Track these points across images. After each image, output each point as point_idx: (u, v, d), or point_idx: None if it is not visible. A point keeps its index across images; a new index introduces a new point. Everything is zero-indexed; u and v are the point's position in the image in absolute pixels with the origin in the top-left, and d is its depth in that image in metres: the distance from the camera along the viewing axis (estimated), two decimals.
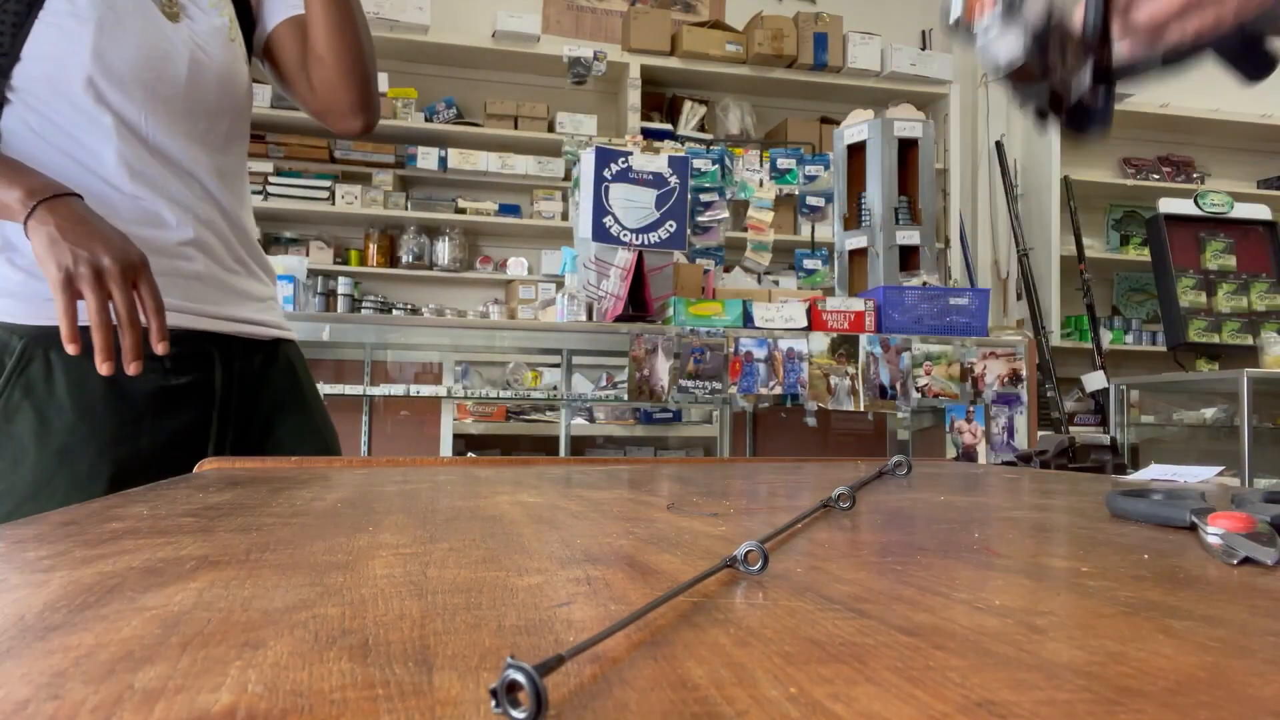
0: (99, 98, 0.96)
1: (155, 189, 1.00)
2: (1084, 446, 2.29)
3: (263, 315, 1.12)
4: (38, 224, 0.85)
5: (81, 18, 0.95)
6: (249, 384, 1.08)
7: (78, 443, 0.94)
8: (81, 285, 0.84)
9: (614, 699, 0.21)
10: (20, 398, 0.94)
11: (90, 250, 0.84)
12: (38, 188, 0.87)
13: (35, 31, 0.94)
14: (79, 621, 0.28)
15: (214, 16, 1.08)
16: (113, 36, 0.96)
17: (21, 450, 0.93)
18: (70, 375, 0.95)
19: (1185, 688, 0.22)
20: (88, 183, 0.96)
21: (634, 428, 3.86)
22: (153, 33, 1.00)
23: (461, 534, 0.46)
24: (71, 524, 0.51)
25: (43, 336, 0.94)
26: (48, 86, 0.96)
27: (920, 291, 2.42)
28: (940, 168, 4.82)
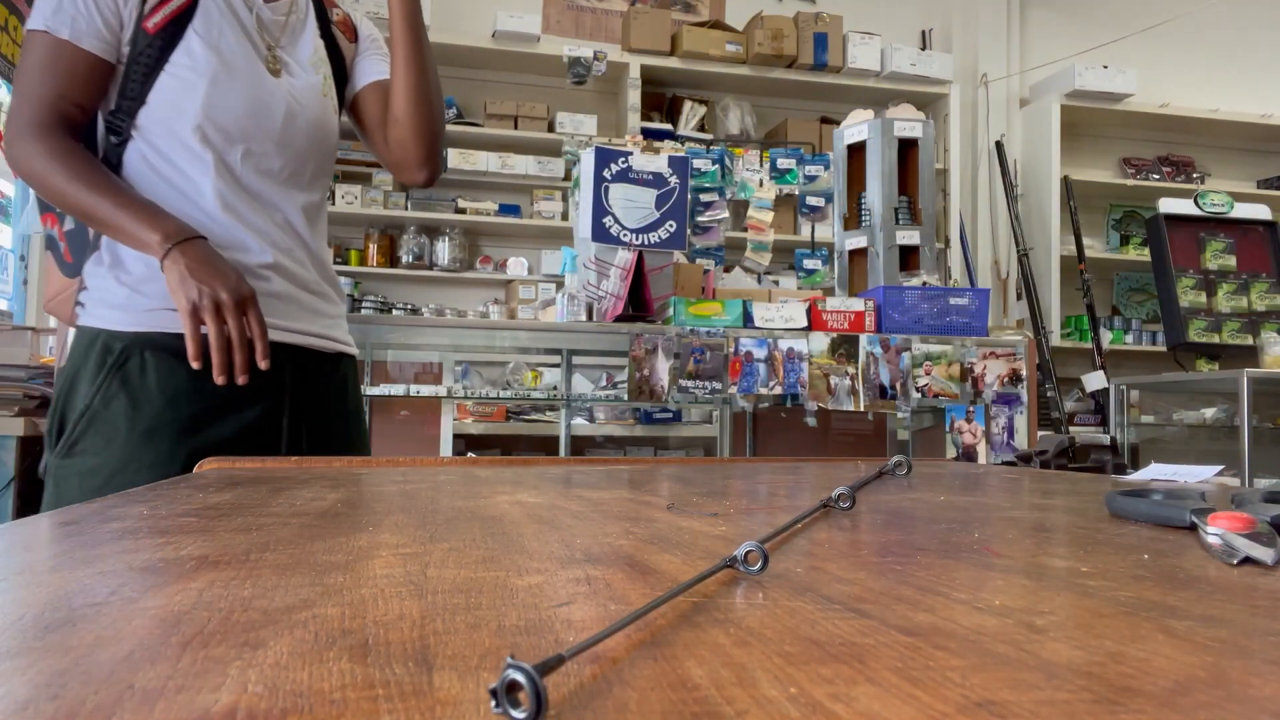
0: (204, 139, 1.14)
1: (242, 219, 1.17)
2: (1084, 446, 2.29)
3: (330, 331, 1.27)
4: (171, 264, 1.06)
5: (199, 71, 1.13)
6: (314, 389, 1.23)
7: (162, 426, 1.10)
8: (205, 316, 1.05)
9: (614, 699, 0.21)
10: (117, 387, 1.10)
11: (211, 287, 1.05)
12: (172, 231, 1.07)
13: (160, 80, 1.13)
14: (79, 621, 0.28)
15: (311, 75, 1.25)
16: (222, 90, 1.14)
17: (114, 430, 1.09)
18: (160, 371, 1.11)
19: (1185, 688, 0.22)
20: (187, 210, 1.14)
21: (634, 428, 3.86)
22: (256, 87, 1.17)
23: (461, 534, 0.46)
24: (71, 524, 0.51)
25: (140, 340, 1.12)
26: (164, 127, 1.13)
27: (920, 291, 2.42)
28: (940, 168, 4.82)
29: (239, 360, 1.06)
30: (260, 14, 1.21)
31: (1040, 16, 5.41)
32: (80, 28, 1.10)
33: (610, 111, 4.84)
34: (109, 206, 1.08)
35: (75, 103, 1.13)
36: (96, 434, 1.09)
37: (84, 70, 1.12)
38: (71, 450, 1.10)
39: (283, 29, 1.24)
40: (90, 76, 1.12)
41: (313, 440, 1.22)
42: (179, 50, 1.13)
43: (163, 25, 1.13)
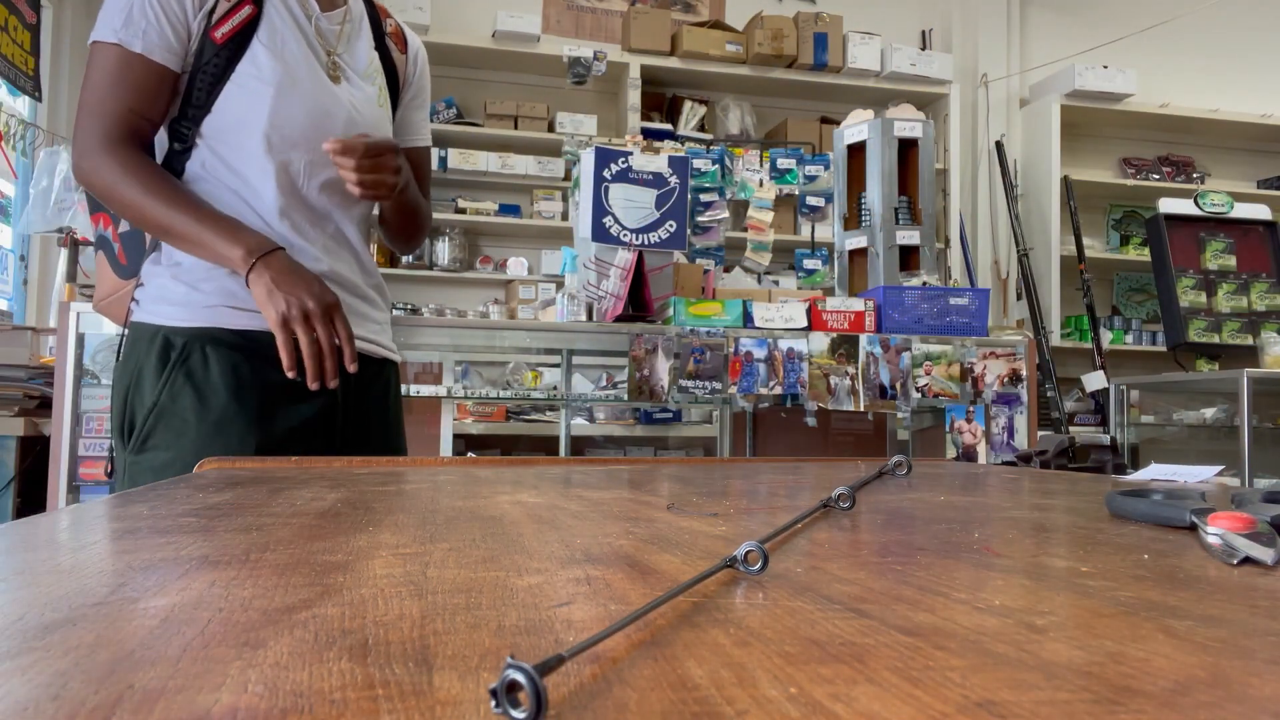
0: (269, 148, 1.16)
1: (297, 228, 1.19)
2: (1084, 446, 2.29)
3: (377, 336, 1.30)
4: (257, 277, 1.09)
5: (265, 80, 1.15)
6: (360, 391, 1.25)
7: (231, 418, 1.13)
8: (295, 326, 1.08)
9: (614, 699, 0.21)
10: (183, 382, 1.13)
11: (299, 298, 1.09)
12: (254, 246, 1.10)
13: (226, 89, 1.15)
14: (79, 621, 0.28)
15: (368, 86, 1.28)
16: (287, 99, 1.16)
17: (184, 424, 1.12)
18: (223, 365, 1.14)
19: (1185, 688, 0.22)
20: (247, 215, 1.16)
21: (634, 428, 3.86)
22: (320, 95, 1.20)
23: (461, 534, 0.46)
24: (72, 524, 0.51)
25: (201, 336, 1.14)
26: (230, 135, 1.16)
27: (920, 291, 2.42)
28: (940, 168, 4.82)
29: (330, 367, 1.11)
30: (319, 23, 1.23)
31: (1040, 16, 5.41)
32: (152, 40, 1.12)
33: (610, 111, 4.84)
34: (188, 222, 1.10)
35: (145, 116, 1.14)
36: (167, 429, 1.12)
37: (154, 83, 1.13)
38: (144, 446, 1.13)
39: (339, 38, 1.26)
40: (160, 89, 1.14)
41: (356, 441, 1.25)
42: (245, 60, 1.15)
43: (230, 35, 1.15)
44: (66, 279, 2.94)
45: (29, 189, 3.33)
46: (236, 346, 1.14)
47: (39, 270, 4.17)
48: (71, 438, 2.11)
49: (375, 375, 1.30)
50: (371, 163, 1.14)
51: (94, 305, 1.37)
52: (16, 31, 3.74)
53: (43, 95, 3.98)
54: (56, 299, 3.04)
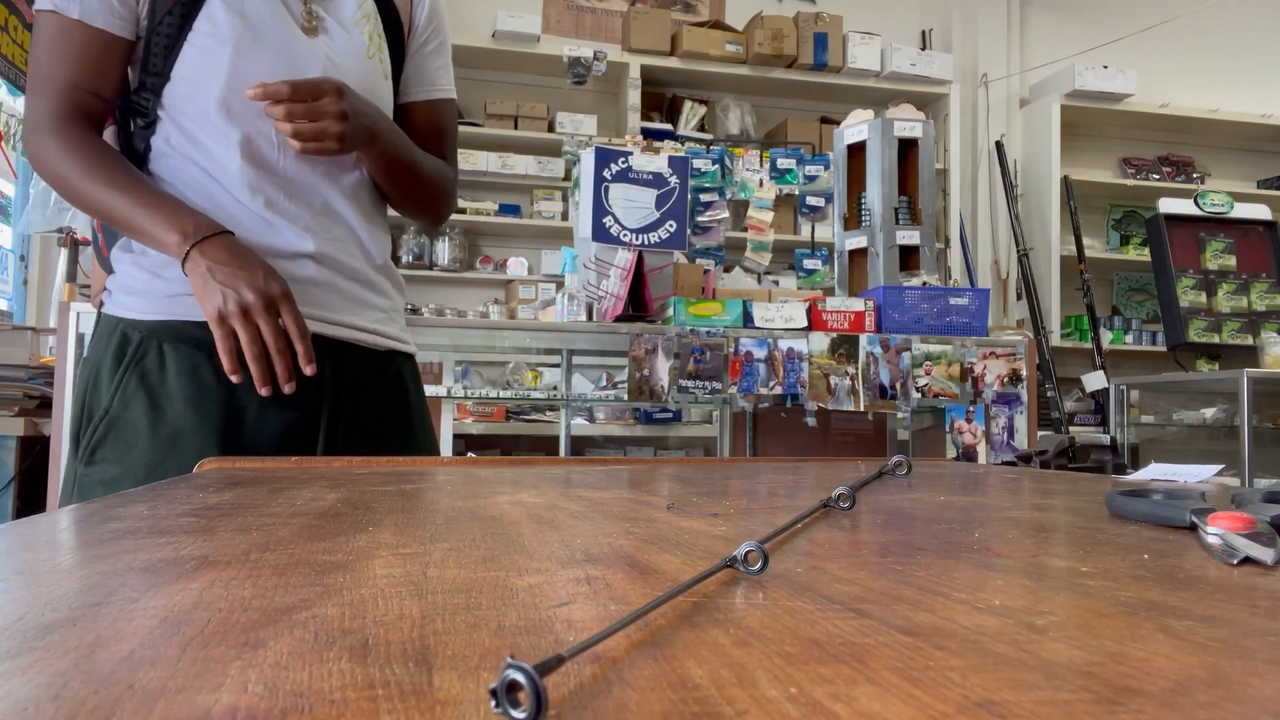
0: (229, 114, 1.01)
1: (273, 204, 1.05)
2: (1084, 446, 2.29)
3: (380, 326, 1.14)
4: (193, 266, 0.95)
5: (221, 39, 1.01)
6: (358, 390, 1.11)
7: (187, 429, 0.99)
8: (233, 322, 0.94)
9: (614, 699, 0.21)
10: (135, 386, 1.00)
11: (236, 289, 0.94)
12: (190, 230, 0.96)
13: (183, 53, 1.01)
14: (79, 621, 0.28)
15: (354, 34, 1.11)
16: (249, 57, 1.01)
17: (135, 435, 0.99)
18: (181, 366, 1.00)
19: (1185, 688, 0.22)
20: (217, 195, 1.03)
21: (634, 428, 3.86)
22: (287, 52, 1.04)
23: (461, 534, 0.46)
24: (71, 524, 0.51)
25: (159, 330, 1.01)
26: (189, 104, 1.02)
27: (920, 291, 2.42)
28: (940, 168, 4.82)
29: (280, 367, 0.96)
30: None
31: (1040, 16, 5.41)
32: (91, 4, 0.98)
33: (610, 111, 4.84)
34: (125, 205, 0.97)
35: (91, 90, 1.01)
36: (117, 440, 0.99)
37: (98, 52, 1.00)
38: (92, 458, 1.00)
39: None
40: (105, 59, 1.00)
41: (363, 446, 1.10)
42: (201, 17, 1.00)
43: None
44: (66, 279, 2.94)
45: (29, 189, 3.33)
46: (200, 343, 0.99)
47: (39, 270, 4.17)
48: None
49: (379, 370, 1.13)
50: (305, 108, 0.96)
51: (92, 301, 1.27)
52: (16, 31, 3.74)
53: None
54: (56, 299, 3.04)
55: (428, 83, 1.22)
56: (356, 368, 1.11)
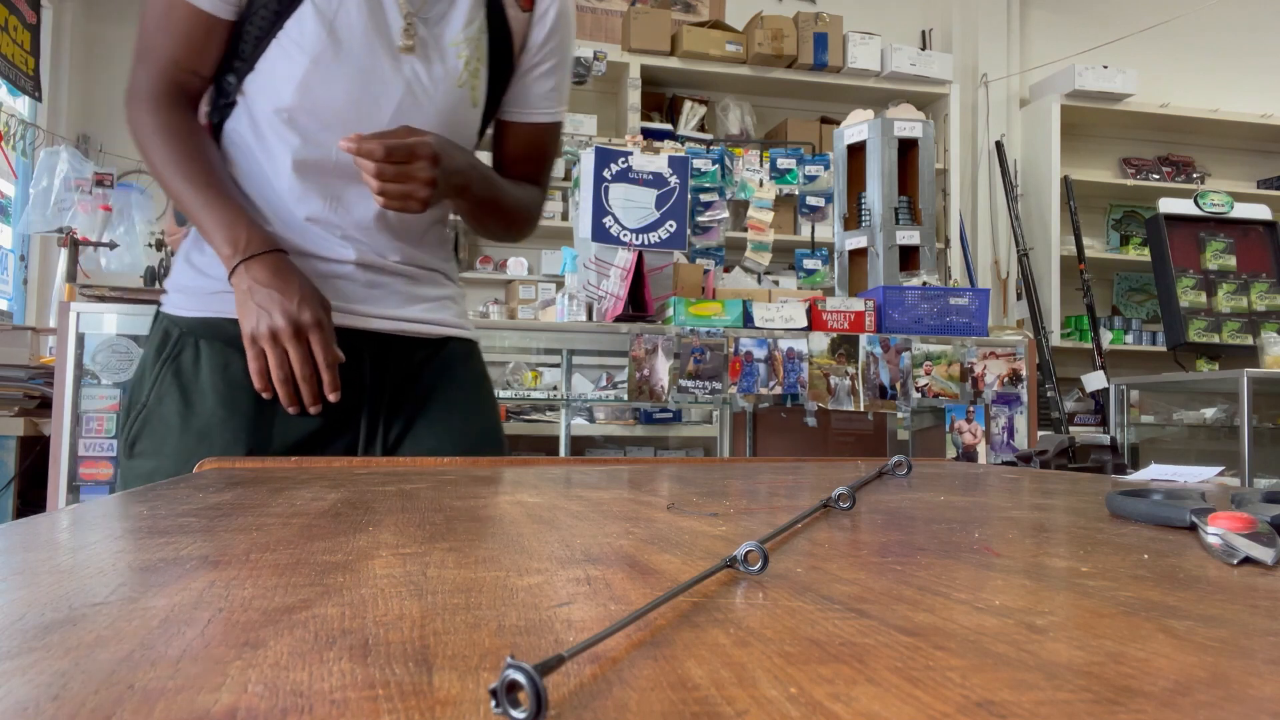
0: (291, 122, 1.02)
1: (316, 214, 1.05)
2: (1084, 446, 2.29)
3: (430, 314, 1.13)
4: (237, 281, 0.97)
5: (304, 47, 1.00)
6: (407, 380, 1.10)
7: (216, 426, 1.00)
8: (263, 344, 0.96)
9: (614, 699, 0.21)
10: (170, 381, 1.02)
11: (269, 312, 0.96)
12: (242, 244, 0.98)
13: (269, 48, 1.01)
14: (79, 621, 0.28)
15: (450, 59, 1.07)
16: (325, 73, 1.00)
17: (168, 430, 1.01)
18: (214, 362, 1.02)
19: (1185, 688, 0.22)
20: (265, 192, 1.05)
21: (634, 428, 3.86)
22: (367, 74, 1.02)
23: (461, 534, 0.46)
24: (71, 524, 0.51)
25: (196, 326, 1.03)
26: (263, 100, 1.03)
27: (920, 291, 2.42)
28: (940, 168, 4.82)
29: (305, 393, 0.98)
30: None
31: (1040, 16, 5.41)
32: None
33: (610, 111, 4.84)
34: (194, 201, 0.99)
35: (191, 69, 1.02)
36: (152, 433, 1.01)
37: (200, 33, 1.00)
38: (132, 450, 1.03)
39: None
40: (206, 40, 1.01)
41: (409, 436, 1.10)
42: (293, 18, 0.99)
43: None
44: (66, 279, 2.94)
45: (29, 189, 3.33)
46: (233, 340, 1.00)
47: (39, 270, 4.17)
48: (71, 438, 2.11)
49: (430, 358, 1.12)
50: (395, 170, 0.94)
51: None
52: (16, 31, 3.74)
53: (43, 95, 3.98)
54: (56, 299, 3.04)
55: (532, 105, 1.17)
56: (405, 358, 1.10)
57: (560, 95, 1.19)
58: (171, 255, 2.67)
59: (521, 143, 1.19)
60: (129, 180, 4.02)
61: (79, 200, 3.12)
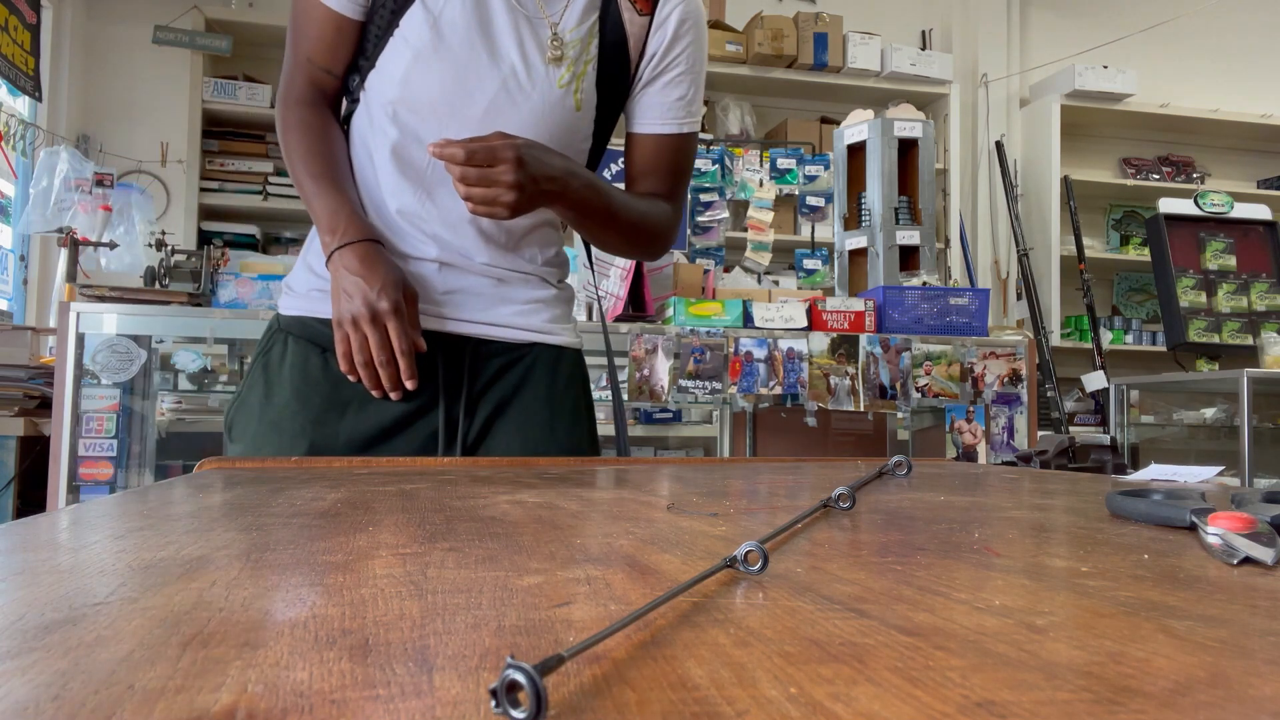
0: (394, 117, 1.05)
1: (405, 211, 1.07)
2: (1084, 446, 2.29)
3: (518, 319, 1.11)
4: (332, 269, 1.02)
5: (408, 42, 1.03)
6: (482, 387, 1.10)
7: (287, 418, 1.05)
8: (346, 329, 1.00)
9: (614, 699, 0.21)
10: (259, 374, 1.08)
11: (353, 298, 0.99)
12: (340, 232, 1.01)
13: (388, 45, 1.03)
14: (79, 621, 0.28)
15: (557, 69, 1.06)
16: (423, 68, 1.03)
17: (250, 417, 1.07)
18: (295, 358, 1.07)
19: (1185, 688, 0.22)
20: (369, 186, 1.09)
21: (634, 428, 3.86)
22: (462, 70, 1.03)
23: (461, 534, 0.46)
24: (71, 524, 0.51)
25: (290, 324, 1.09)
26: (374, 92, 1.06)
27: (920, 291, 2.42)
28: (940, 168, 4.82)
29: (384, 377, 1.01)
30: None
31: (1040, 16, 5.41)
32: None
33: None
34: (308, 191, 1.03)
35: (324, 67, 1.06)
36: (241, 421, 1.08)
37: (330, 32, 1.04)
38: (229, 434, 1.09)
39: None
40: (337, 38, 1.04)
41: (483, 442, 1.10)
42: (407, 15, 1.02)
43: None
44: (66, 279, 2.94)
45: (29, 189, 3.33)
46: (316, 338, 1.06)
47: (39, 270, 4.17)
48: (71, 438, 2.11)
49: (514, 363, 1.11)
50: (478, 173, 0.92)
51: None
52: (16, 31, 3.74)
53: (43, 95, 3.98)
54: (56, 299, 3.04)
55: (656, 115, 1.14)
56: (482, 363, 1.10)
57: (689, 106, 1.15)
58: (171, 255, 2.67)
59: (648, 156, 1.16)
60: (129, 180, 4.02)
61: (79, 200, 3.12)
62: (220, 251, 2.63)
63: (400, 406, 1.05)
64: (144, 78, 4.31)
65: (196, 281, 2.54)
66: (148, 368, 2.21)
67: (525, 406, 1.11)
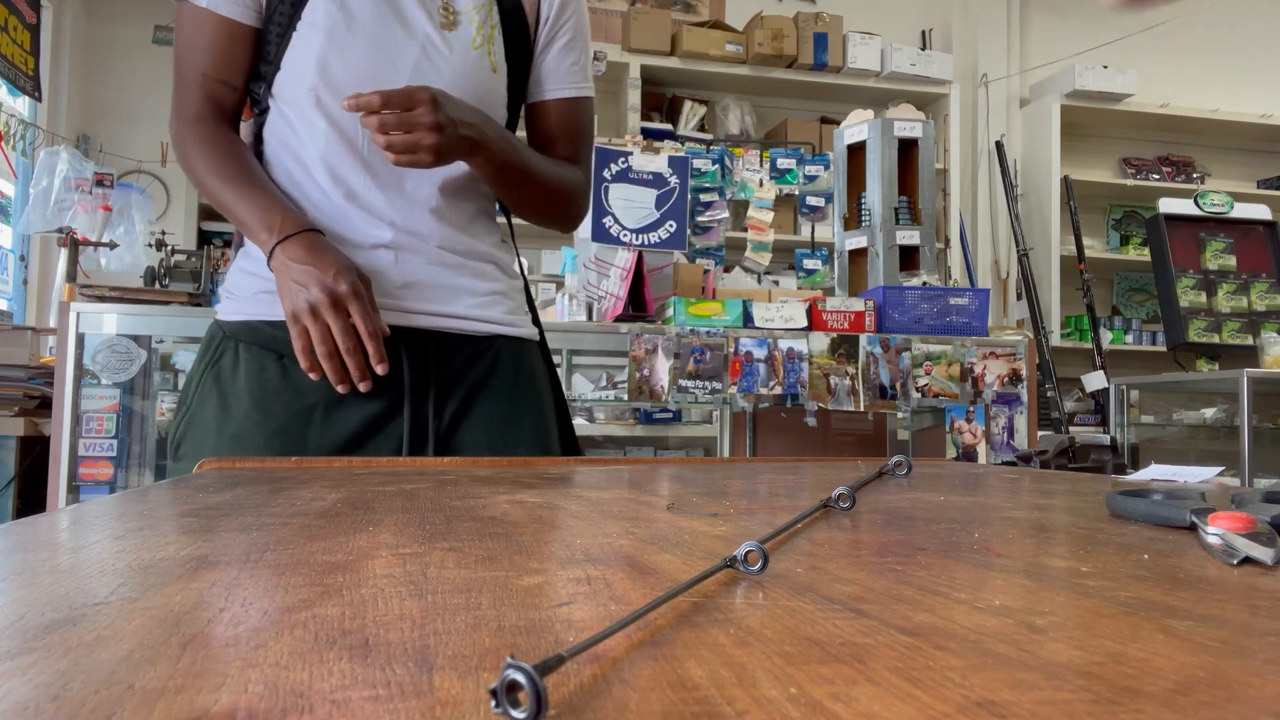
0: (318, 104, 1.01)
1: (352, 194, 1.04)
2: (1084, 446, 2.29)
3: (478, 311, 1.09)
4: (276, 264, 0.97)
5: (317, 26, 1.00)
6: (452, 379, 1.07)
7: (250, 430, 0.99)
8: (304, 320, 0.95)
9: (614, 699, 0.21)
10: (210, 386, 1.02)
11: (306, 287, 0.94)
12: (277, 227, 0.97)
13: (291, 41, 1.01)
14: (79, 621, 0.28)
15: (465, 25, 1.07)
16: (340, 46, 1.00)
17: (206, 434, 1.01)
18: (250, 366, 1.02)
19: (1185, 688, 0.22)
20: (304, 184, 1.04)
21: (634, 428, 3.86)
22: (379, 42, 1.02)
23: (461, 534, 0.46)
24: (71, 524, 0.51)
25: (238, 330, 1.04)
26: (289, 92, 1.03)
27: (920, 291, 2.42)
28: (940, 168, 4.82)
29: (351, 366, 0.96)
30: None
31: (1040, 16, 5.41)
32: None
33: (610, 111, 4.84)
34: (231, 198, 0.99)
35: (221, 79, 1.02)
36: (193, 437, 1.01)
37: (224, 40, 1.01)
38: (177, 453, 1.03)
39: None
40: (231, 47, 1.01)
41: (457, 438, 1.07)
42: (309, 6, 1.00)
43: None
44: (66, 279, 2.94)
45: (29, 189, 3.33)
46: (270, 343, 1.01)
47: (39, 270, 4.17)
48: (71, 438, 2.11)
49: (477, 356, 1.09)
50: (398, 119, 0.91)
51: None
52: (16, 31, 3.74)
53: (43, 95, 3.98)
54: (56, 299, 3.04)
55: (557, 81, 1.16)
56: (447, 358, 1.07)
57: (584, 71, 1.17)
58: (171, 255, 2.67)
59: (553, 122, 1.17)
60: (129, 180, 4.02)
61: (79, 200, 3.12)
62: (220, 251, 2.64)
63: (367, 409, 1.01)
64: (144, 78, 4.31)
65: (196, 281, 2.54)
66: (148, 368, 2.21)
67: (492, 402, 1.09)
